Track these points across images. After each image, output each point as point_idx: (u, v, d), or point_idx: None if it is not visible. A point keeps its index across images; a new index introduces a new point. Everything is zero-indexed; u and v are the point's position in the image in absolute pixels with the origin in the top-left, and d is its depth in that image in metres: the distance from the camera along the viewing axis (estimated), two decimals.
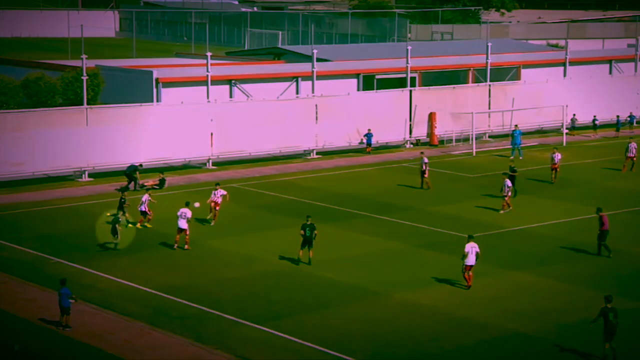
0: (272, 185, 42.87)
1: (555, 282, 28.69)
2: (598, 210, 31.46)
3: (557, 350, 23.49)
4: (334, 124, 50.23)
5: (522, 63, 63.71)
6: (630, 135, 53.55)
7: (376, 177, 45.36)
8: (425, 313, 26.12)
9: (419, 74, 58.16)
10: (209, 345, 23.76)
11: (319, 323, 25.36)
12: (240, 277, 29.48)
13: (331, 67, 57.32)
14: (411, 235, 34.21)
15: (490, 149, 52.42)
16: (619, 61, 66.03)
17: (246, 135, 47.49)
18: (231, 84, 51.93)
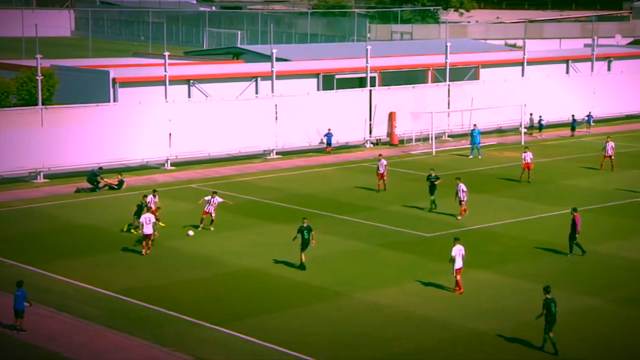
0: (231, 185, 42.56)
1: (515, 280, 28.80)
2: (573, 210, 31.54)
3: (517, 348, 23.54)
4: (293, 124, 50.07)
5: (480, 63, 64.10)
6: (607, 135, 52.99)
7: (336, 177, 45.26)
8: (386, 312, 26.05)
9: (379, 73, 58.21)
10: (168, 347, 23.48)
11: (279, 324, 25.17)
12: (199, 278, 29.17)
13: (291, 66, 57.14)
14: (372, 235, 34.15)
15: (449, 149, 52.63)
16: (575, 61, 66.75)
17: (205, 136, 47.12)
18: (189, 83, 51.51)
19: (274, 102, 49.74)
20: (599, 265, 30.54)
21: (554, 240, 33.35)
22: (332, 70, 57.61)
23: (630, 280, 29.05)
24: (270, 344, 23.65)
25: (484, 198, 39.99)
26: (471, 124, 52.63)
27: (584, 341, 24.03)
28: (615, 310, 26.35)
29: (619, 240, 33.28)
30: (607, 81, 62.82)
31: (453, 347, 23.66)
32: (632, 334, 24.55)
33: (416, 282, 28.71)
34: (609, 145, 45.70)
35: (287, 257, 31.08)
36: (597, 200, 39.44)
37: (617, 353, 23.32)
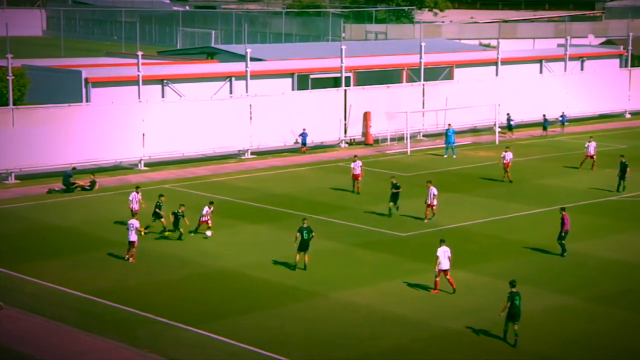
0: (205, 186, 42.34)
1: (490, 279, 28.84)
2: (561, 209, 31.59)
3: (492, 347, 23.56)
4: (268, 123, 49.93)
5: (455, 63, 64.30)
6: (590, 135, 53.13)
7: (311, 176, 45.17)
8: (361, 312, 25.99)
9: (354, 73, 58.20)
10: (143, 349, 23.27)
11: (254, 324, 25.05)
12: (174, 279, 28.96)
13: (265, 66, 56.98)
14: (347, 234, 34.08)
15: (424, 148, 52.71)
16: (549, 61, 67.13)
17: (179, 136, 46.88)
18: (163, 83, 51.22)
19: (249, 102, 49.57)
20: (572, 263, 30.67)
21: (529, 239, 33.47)
22: (307, 70, 57.51)
23: (603, 279, 29.20)
24: (245, 345, 23.52)
25: (458, 197, 40.06)
26: (446, 124, 52.76)
27: (557, 339, 24.10)
28: (588, 308, 26.47)
29: (592, 239, 33.45)
30: (580, 81, 63.22)
31: (428, 346, 23.64)
32: (604, 332, 24.66)
33: (391, 281, 28.67)
34: (591, 145, 45.82)
35: (262, 258, 30.94)
36: (571, 199, 39.62)
37: (589, 351, 23.40)
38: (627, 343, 23.94)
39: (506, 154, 43.14)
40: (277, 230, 34.51)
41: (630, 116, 64.78)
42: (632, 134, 57.65)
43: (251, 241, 33.09)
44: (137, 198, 34.25)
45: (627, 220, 36.21)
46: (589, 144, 45.97)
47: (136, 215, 32.93)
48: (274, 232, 34.07)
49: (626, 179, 40.62)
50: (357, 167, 40.85)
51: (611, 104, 64.18)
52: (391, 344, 23.77)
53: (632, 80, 64.59)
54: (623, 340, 24.13)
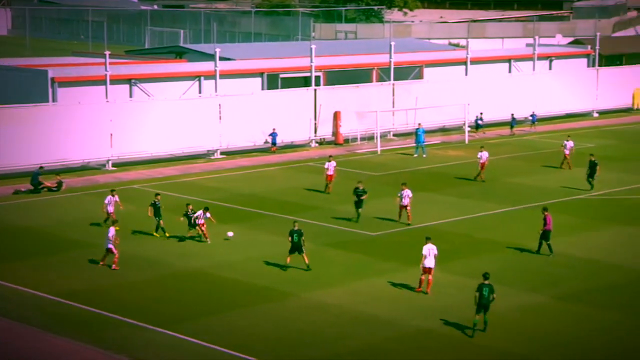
0: (174, 186, 42.02)
1: (459, 278, 28.87)
2: (544, 209, 31.63)
3: (462, 346, 23.57)
4: (238, 123, 49.67)
5: (424, 62, 64.38)
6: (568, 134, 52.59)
7: (281, 176, 45.01)
8: (332, 312, 25.90)
9: (323, 73, 58.07)
10: (112, 351, 23.01)
11: (224, 325, 24.87)
12: (143, 280, 28.68)
13: (234, 66, 56.65)
14: (317, 234, 33.94)
15: (394, 148, 52.75)
16: (517, 60, 67.47)
17: (147, 136, 46.51)
18: (131, 83, 50.72)
19: (218, 101, 49.29)
20: (541, 261, 30.79)
21: (499, 237, 33.58)
22: (277, 69, 57.30)
23: (571, 277, 29.35)
24: (215, 346, 23.35)
25: (429, 196, 40.10)
26: (416, 123, 52.82)
27: (526, 337, 24.17)
28: (556, 306, 26.58)
29: (561, 237, 33.56)
30: (548, 80, 63.63)
31: (399, 346, 23.60)
32: (572, 330, 24.77)
33: (362, 281, 28.60)
34: (569, 144, 45.91)
35: (232, 258, 30.74)
36: (540, 197, 39.82)
37: (557, 348, 23.48)
38: (593, 340, 24.06)
39: (482, 154, 43.09)
40: (247, 230, 34.30)
41: (597, 115, 65.32)
42: (600, 133, 58.13)
43: (221, 242, 32.85)
44: (113, 201, 33.83)
45: (595, 219, 36.44)
46: (567, 143, 46.01)
47: (112, 217, 32.67)
48: (244, 233, 33.85)
49: (595, 178, 40.85)
50: (331, 168, 40.59)
51: (579, 103, 64.67)
52: (362, 343, 23.70)
53: (599, 80, 65.13)
54: (590, 338, 24.24)
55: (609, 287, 28.20)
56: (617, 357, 22.98)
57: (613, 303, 26.79)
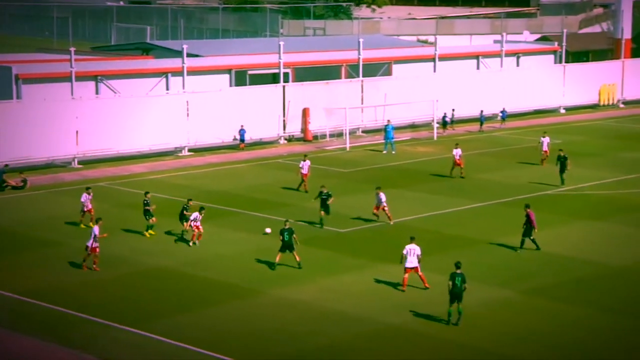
0: (142, 183, 41.59)
1: (428, 274, 28.77)
2: (526, 206, 31.59)
3: (430, 342, 23.52)
4: (206, 120, 49.34)
5: (393, 59, 64.36)
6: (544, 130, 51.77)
7: (250, 173, 44.76)
8: (301, 309, 25.75)
9: (292, 69, 57.86)
10: (78, 350, 22.70)
11: (193, 323, 24.62)
12: (109, 278, 28.33)
13: (202, 62, 56.29)
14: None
15: (363, 144, 52.69)
16: (485, 57, 67.70)
17: (114, 133, 46.08)
18: (97, 80, 50.16)
19: (185, 98, 48.94)
20: (510, 257, 30.86)
21: (468, 233, 33.61)
22: (245, 66, 56.96)
23: (539, 271, 29.43)
24: (183, 344, 23.12)
25: (398, 193, 40.05)
26: (385, 120, 52.79)
27: (495, 332, 24.20)
28: (525, 301, 26.63)
29: None
30: (516, 77, 63.92)
31: (368, 342, 23.51)
32: (540, 325, 24.82)
33: (331, 277, 28.48)
34: (545, 140, 45.80)
35: (201, 255, 30.47)
36: (509, 193, 39.96)
37: (525, 343, 23.51)
38: (561, 335, 24.12)
39: (456, 151, 42.92)
40: (216, 227, 34.01)
41: (564, 111, 65.75)
42: (567, 129, 58.51)
43: (204, 240, 32.52)
44: (89, 199, 33.47)
45: (563, 214, 36.61)
46: (543, 139, 45.86)
47: (91, 215, 32.44)
48: (213, 230, 33.55)
49: (566, 173, 40.94)
50: (306, 167, 40.18)
51: (546, 99, 65.06)
52: (330, 340, 23.58)
53: (566, 76, 65.57)
54: (557, 332, 24.30)
55: (577, 282, 28.33)
56: (584, 351, 23.05)
57: (581, 298, 26.91)
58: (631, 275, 29.02)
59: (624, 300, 26.67)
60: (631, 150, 50.65)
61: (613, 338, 23.88)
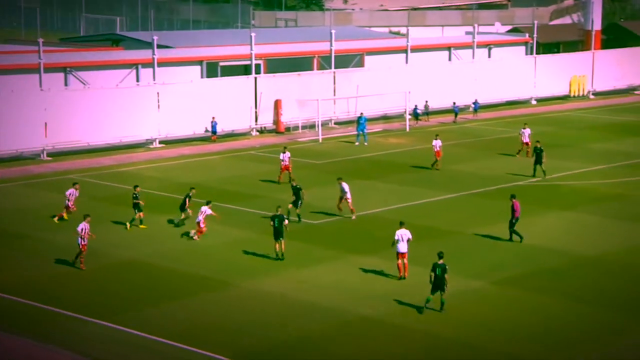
0: (112, 176, 41.25)
1: None
2: (512, 196, 31.58)
3: (402, 332, 23.51)
4: (177, 112, 49.01)
5: (365, 50, 64.33)
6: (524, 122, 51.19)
7: (222, 165, 44.53)
8: (273, 300, 25.65)
9: (264, 61, 57.62)
10: (48, 344, 22.51)
11: (165, 316, 24.46)
12: (79, 271, 28.00)
13: (173, 53, 55.88)
14: (258, 223, 33.60)
15: (336, 136, 52.61)
16: (457, 48, 67.86)
17: (83, 125, 45.68)
18: (66, 71, 49.64)
19: (156, 90, 48.54)
20: (482, 247, 30.94)
21: (440, 224, 33.65)
22: (216, 57, 56.63)
23: (510, 262, 29.51)
24: (154, 337, 22.96)
25: (370, 184, 40.05)
26: (357, 111, 52.74)
27: (466, 322, 24.22)
28: (496, 291, 26.69)
29: (500, 223, 33.76)
30: (487, 68, 64.12)
31: (339, 333, 23.46)
32: (510, 314, 24.90)
33: (303, 269, 28.39)
34: (526, 132, 45.76)
35: (172, 248, 30.25)
36: (481, 184, 40.08)
37: (494, 333, 23.55)
38: (534, 325, 24.21)
39: (436, 142, 42.82)
40: (189, 219, 33.74)
41: (535, 102, 66.11)
42: (538, 120, 58.79)
43: (161, 232, 32.32)
44: (75, 195, 33.10)
45: (534, 205, 36.73)
46: (524, 130, 45.81)
47: (72, 212, 32.15)
48: (185, 222, 33.30)
49: (543, 164, 40.98)
50: (286, 159, 39.86)
51: (518, 90, 65.34)
52: (302, 331, 23.51)
53: (537, 68, 65.89)
54: (527, 322, 24.39)
55: (549, 272, 28.45)
56: (557, 341, 23.15)
57: (553, 288, 27.02)
58: (602, 264, 29.21)
59: (595, 290, 26.83)
60: (601, 141, 51.02)
61: (585, 327, 24.01)
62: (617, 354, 22.24)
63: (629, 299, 26.06)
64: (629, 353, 22.32)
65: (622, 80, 71.42)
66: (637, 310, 25.08)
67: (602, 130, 54.98)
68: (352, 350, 22.41)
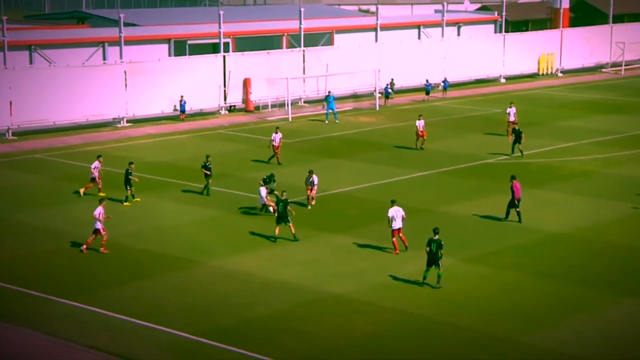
0: (79, 155, 40.74)
1: (369, 242, 28.76)
2: (512, 177, 31.43)
3: (372, 309, 23.47)
4: (144, 91, 48.48)
5: (335, 28, 64.06)
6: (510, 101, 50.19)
7: (191, 144, 44.14)
8: (241, 279, 25.48)
9: (232, 39, 57.14)
10: (15, 324, 22.22)
11: (132, 295, 24.22)
12: (44, 251, 27.71)
13: (140, 32, 55.27)
14: (227, 202, 33.40)
15: (306, 114, 52.35)
16: (427, 26, 67.76)
17: (49, 104, 45.10)
18: (31, 49, 48.89)
19: (123, 68, 47.95)
20: (451, 225, 30.89)
21: (410, 202, 33.53)
22: (184, 35, 56.08)
23: (479, 240, 29.53)
24: (122, 315, 22.73)
25: (340, 163, 39.92)
26: (327, 90, 52.48)
27: (432, 299, 24.21)
28: (466, 268, 26.70)
29: (469, 200, 33.88)
30: (457, 46, 64.08)
31: (308, 311, 23.36)
32: (480, 291, 24.92)
33: (272, 248, 28.23)
34: (512, 110, 45.35)
35: (141, 228, 29.94)
36: (450, 162, 40.09)
37: (465, 310, 23.57)
38: (503, 301, 24.27)
39: (419, 122, 42.49)
40: (157, 199, 33.47)
41: (504, 81, 66.25)
42: (507, 98, 58.81)
43: (127, 211, 31.97)
44: (99, 167, 33.36)
45: (503, 182, 36.74)
46: (510, 110, 45.46)
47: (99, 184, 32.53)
48: (153, 202, 33.03)
49: (522, 144, 40.84)
50: (277, 139, 39.40)
51: (487, 69, 65.41)
52: (271, 309, 23.37)
53: (506, 46, 65.98)
54: (499, 299, 24.44)
55: (517, 249, 28.52)
56: (524, 317, 23.22)
57: (522, 264, 27.09)
58: (571, 241, 29.34)
59: (565, 267, 26.93)
60: (569, 119, 51.26)
61: (553, 303, 24.10)
62: (589, 330, 22.35)
63: (599, 275, 26.21)
64: (601, 328, 22.43)
65: (590, 58, 71.79)
66: (606, 286, 25.23)
67: (570, 108, 55.22)
68: (322, 328, 22.32)
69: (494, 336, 21.92)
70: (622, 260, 27.50)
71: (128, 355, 20.67)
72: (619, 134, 46.85)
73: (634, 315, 23.28)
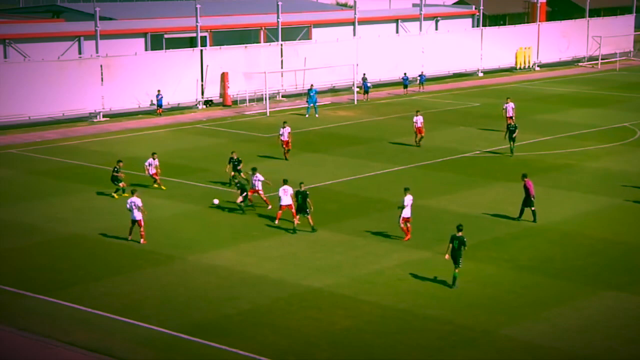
0: (55, 150, 40.41)
1: (349, 237, 28.73)
2: (523, 176, 31.28)
3: (351, 302, 23.44)
4: (121, 85, 48.12)
5: (312, 22, 63.93)
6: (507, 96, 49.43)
7: (168, 139, 43.89)
8: (220, 274, 25.36)
9: (210, 33, 56.87)
10: None
11: (109, 290, 24.02)
12: (21, 247, 27.45)
13: (116, 26, 54.83)
14: (205, 196, 33.22)
15: (284, 109, 52.23)
16: (405, 20, 67.80)
17: (24, 99, 44.64)
18: (5, 43, 48.38)
19: (99, 62, 47.57)
20: (428, 219, 30.93)
21: (387, 197, 33.60)
22: (161, 29, 55.73)
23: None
24: (99, 311, 22.54)
25: (319, 157, 39.85)
26: (305, 84, 52.38)
27: (410, 292, 24.21)
28: (443, 262, 26.63)
29: (446, 194, 33.92)
30: (434, 40, 64.19)
31: (288, 305, 23.28)
32: (459, 284, 24.92)
33: (250, 242, 28.13)
34: (509, 106, 45.11)
35: (116, 223, 29.70)
36: (428, 156, 40.14)
37: (440, 302, 23.60)
38: (477, 294, 24.31)
39: (417, 118, 42.18)
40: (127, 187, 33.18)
41: (482, 75, 66.46)
42: (485, 92, 59.11)
43: (104, 206, 31.75)
44: (154, 163, 33.37)
45: (479, 176, 36.94)
46: (507, 105, 45.11)
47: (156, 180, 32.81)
48: (125, 190, 32.74)
49: (515, 140, 40.68)
50: (286, 133, 39.09)
51: (464, 63, 65.58)
52: (251, 304, 23.27)
53: (483, 40, 66.18)
54: (473, 291, 24.48)
55: (493, 242, 28.59)
56: (498, 309, 23.28)
57: (497, 257, 27.16)
58: (545, 234, 29.46)
59: (541, 259, 27.04)
60: (546, 113, 51.50)
61: (531, 296, 24.18)
62: (567, 322, 22.44)
63: (574, 267, 26.34)
64: (576, 320, 22.54)
65: (567, 52, 72.20)
66: (584, 279, 25.35)
67: (547, 101, 55.48)
68: (302, 323, 22.26)
69: (472, 329, 21.97)
70: (599, 252, 27.65)
71: (106, 351, 20.51)
72: (595, 127, 47.12)
73: (612, 307, 23.41)
